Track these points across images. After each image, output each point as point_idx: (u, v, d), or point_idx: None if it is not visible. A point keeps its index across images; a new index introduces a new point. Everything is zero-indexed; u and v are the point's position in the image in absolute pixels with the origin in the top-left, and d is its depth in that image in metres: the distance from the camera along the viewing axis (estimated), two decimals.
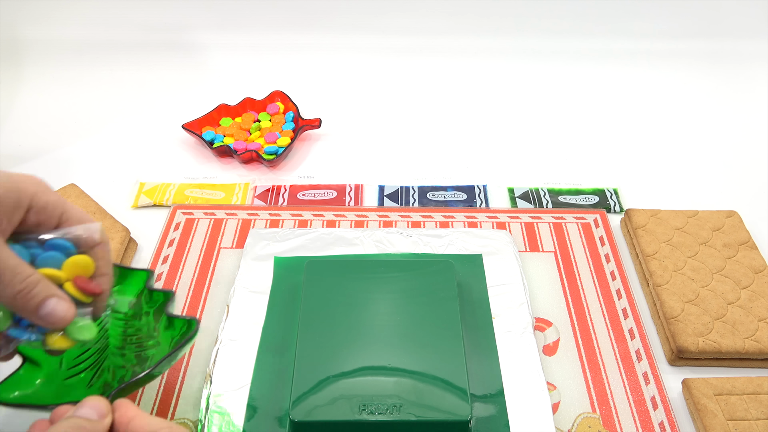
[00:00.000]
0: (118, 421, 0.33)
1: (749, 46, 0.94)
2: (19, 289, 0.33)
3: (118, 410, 0.33)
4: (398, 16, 0.96)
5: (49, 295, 0.34)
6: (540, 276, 0.58)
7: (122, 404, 0.34)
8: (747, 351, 0.50)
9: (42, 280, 0.34)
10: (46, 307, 0.34)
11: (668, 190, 0.70)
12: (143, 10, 0.95)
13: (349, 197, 0.68)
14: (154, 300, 0.46)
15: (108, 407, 0.33)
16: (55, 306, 0.34)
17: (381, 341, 0.47)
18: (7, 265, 0.33)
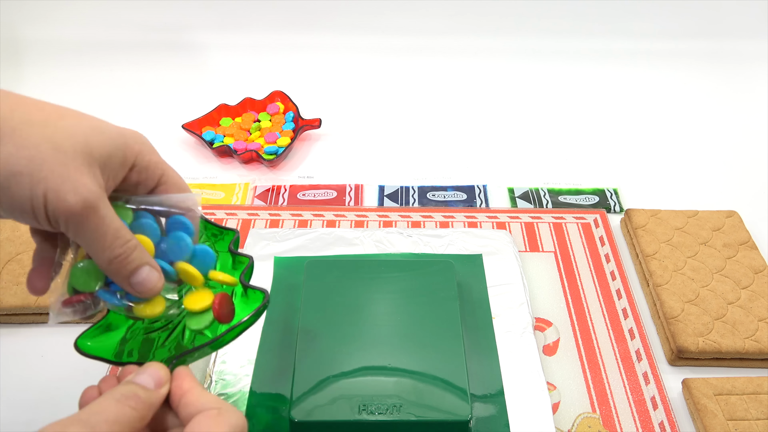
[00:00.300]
0: (172, 392, 0.33)
1: (749, 46, 0.94)
2: (118, 253, 0.32)
3: (175, 380, 0.33)
4: (398, 16, 0.96)
5: (143, 263, 0.34)
6: (540, 276, 0.58)
7: (180, 374, 0.34)
8: (747, 351, 0.50)
9: (139, 247, 0.34)
10: (139, 275, 0.34)
11: (668, 190, 0.70)
12: (143, 10, 0.95)
13: (349, 197, 0.68)
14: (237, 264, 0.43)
15: (167, 376, 0.33)
16: (147, 275, 0.34)
17: (381, 341, 0.47)
18: (109, 227, 0.32)
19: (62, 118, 0.31)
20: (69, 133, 0.31)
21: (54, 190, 0.30)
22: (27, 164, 0.29)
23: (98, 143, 0.32)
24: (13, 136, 0.29)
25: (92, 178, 0.31)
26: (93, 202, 0.31)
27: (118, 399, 0.31)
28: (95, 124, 0.32)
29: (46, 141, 0.30)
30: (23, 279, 0.54)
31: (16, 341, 0.52)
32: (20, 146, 0.29)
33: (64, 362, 0.51)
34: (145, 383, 0.32)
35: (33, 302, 0.52)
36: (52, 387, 0.49)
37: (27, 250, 0.57)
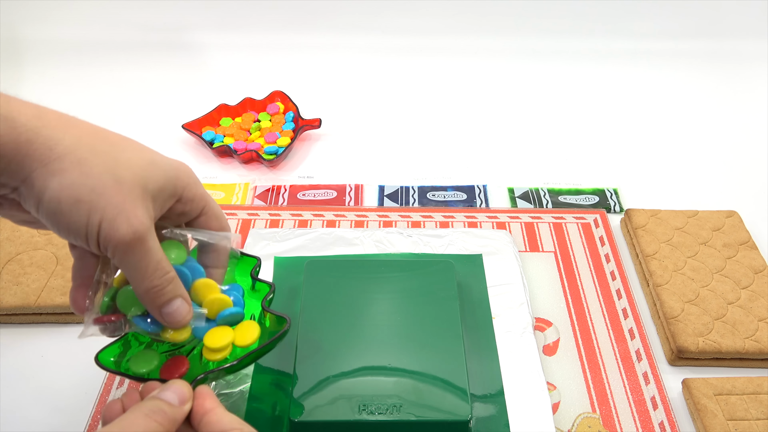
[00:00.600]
0: (195, 410, 0.34)
1: (749, 46, 0.94)
2: (156, 284, 0.34)
3: (197, 398, 0.35)
4: (398, 16, 0.96)
5: (177, 296, 0.35)
6: (540, 276, 0.58)
7: (202, 393, 0.35)
8: (747, 351, 0.50)
9: (176, 280, 0.35)
10: (171, 307, 0.35)
11: (668, 190, 0.70)
12: (143, 10, 0.95)
13: (349, 197, 0.68)
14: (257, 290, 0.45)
15: (190, 393, 0.35)
16: (178, 307, 0.35)
17: (381, 341, 0.47)
18: (152, 259, 0.33)
19: (123, 151, 0.34)
20: (128, 165, 0.33)
21: (109, 220, 0.32)
22: (89, 193, 0.31)
23: (153, 177, 0.34)
24: (80, 165, 0.31)
25: (144, 210, 0.33)
26: (142, 234, 0.32)
27: (146, 414, 0.32)
28: (151, 157, 0.35)
29: (107, 172, 0.32)
30: (23, 279, 0.54)
31: (16, 341, 0.52)
32: (85, 175, 0.31)
33: (64, 362, 0.51)
34: (170, 399, 0.33)
35: (33, 302, 0.52)
36: (52, 387, 0.49)
37: (27, 250, 0.57)
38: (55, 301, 0.52)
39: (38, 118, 0.31)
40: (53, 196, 0.31)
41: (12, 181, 0.31)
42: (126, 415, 0.32)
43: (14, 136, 0.30)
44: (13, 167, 0.30)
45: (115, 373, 0.39)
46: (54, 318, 0.53)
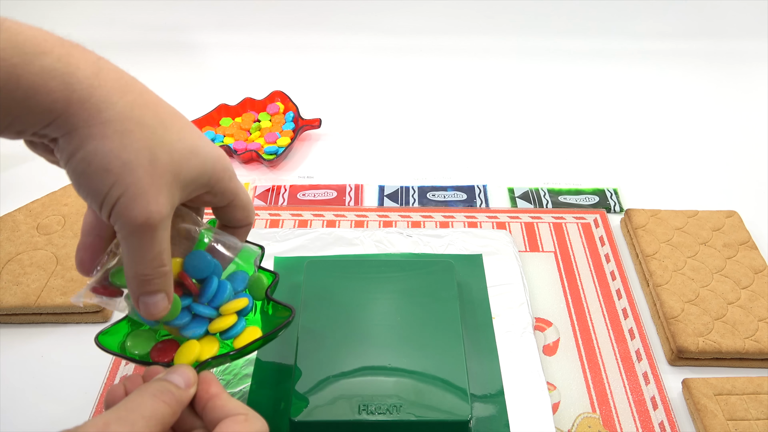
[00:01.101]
0: (199, 395, 0.34)
1: (749, 46, 0.94)
2: (147, 272, 0.33)
3: (202, 383, 0.34)
4: (398, 16, 0.96)
5: (161, 290, 0.34)
6: (540, 276, 0.58)
7: (206, 379, 0.35)
8: (747, 351, 0.50)
9: (167, 276, 0.34)
10: (151, 298, 0.34)
11: (668, 190, 0.70)
12: (143, 10, 0.95)
13: (349, 197, 0.68)
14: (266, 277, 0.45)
15: (195, 378, 0.34)
16: (157, 302, 0.34)
17: (381, 341, 0.47)
18: (154, 248, 0.33)
19: (168, 130, 0.33)
20: (169, 148, 0.32)
21: (129, 197, 0.31)
22: (120, 166, 0.30)
23: (190, 166, 0.33)
24: (122, 136, 0.31)
25: (168, 197, 0.32)
26: (155, 221, 0.32)
27: (153, 394, 0.31)
28: (194, 144, 0.34)
29: (146, 149, 0.31)
30: (23, 279, 0.54)
31: (16, 341, 0.52)
32: (123, 147, 0.31)
33: (64, 362, 0.51)
34: (176, 382, 0.33)
35: (33, 302, 0.52)
36: (52, 387, 0.49)
37: (27, 250, 0.57)
38: (55, 301, 0.52)
39: (96, 76, 0.30)
40: (85, 158, 0.30)
41: (55, 132, 0.30)
42: (131, 396, 0.32)
43: (67, 93, 0.29)
44: (60, 122, 0.30)
45: (114, 354, 0.39)
46: (54, 318, 0.53)
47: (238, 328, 0.40)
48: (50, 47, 0.29)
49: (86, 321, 0.54)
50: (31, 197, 0.63)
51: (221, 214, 0.39)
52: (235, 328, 0.40)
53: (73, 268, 0.55)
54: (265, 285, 0.43)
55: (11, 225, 0.59)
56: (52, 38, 0.30)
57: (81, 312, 0.53)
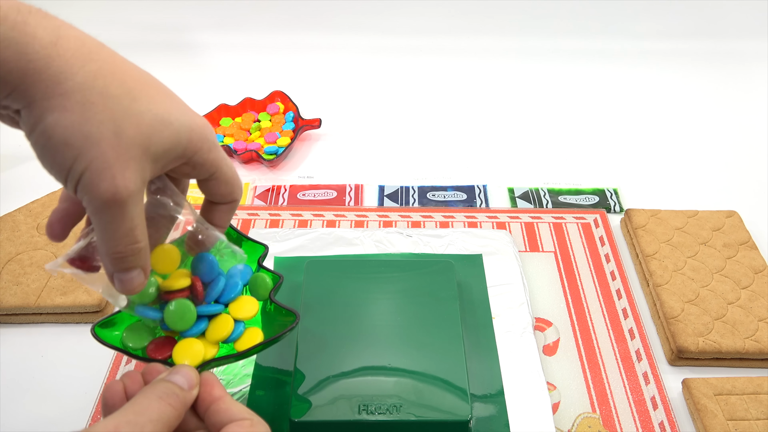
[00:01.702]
0: (202, 397, 0.33)
1: (749, 46, 0.94)
2: (120, 250, 0.32)
3: (204, 385, 0.34)
4: (398, 16, 0.96)
5: (136, 267, 0.33)
6: (540, 276, 0.58)
7: (209, 381, 0.34)
8: (747, 351, 0.50)
9: (142, 252, 0.33)
10: (126, 275, 0.33)
11: (668, 190, 0.70)
12: (143, 10, 0.95)
13: (349, 197, 0.68)
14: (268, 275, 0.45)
15: (197, 379, 0.34)
16: (133, 278, 0.33)
17: (381, 341, 0.47)
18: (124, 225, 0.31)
19: (136, 100, 0.31)
20: (136, 120, 0.30)
21: (93, 172, 0.29)
22: (81, 140, 0.29)
23: (160, 137, 0.31)
24: (83, 108, 0.29)
25: (137, 171, 0.30)
26: (123, 197, 0.30)
27: (160, 396, 0.31)
28: (166, 113, 0.32)
29: (110, 121, 0.29)
30: (23, 279, 0.54)
31: (16, 341, 0.52)
32: (85, 120, 0.29)
33: (64, 362, 0.51)
34: (180, 383, 0.33)
35: (33, 302, 0.52)
36: (52, 387, 0.49)
37: (27, 250, 0.57)
38: (55, 301, 0.52)
39: (54, 45, 0.29)
40: (45, 131, 0.29)
41: (15, 104, 0.29)
42: (138, 398, 0.31)
43: (23, 63, 0.28)
44: (18, 94, 0.28)
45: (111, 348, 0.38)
46: (54, 318, 0.53)
47: (236, 333, 0.39)
48: (4, 14, 0.28)
49: (86, 321, 0.54)
50: (31, 197, 0.63)
51: (204, 188, 0.37)
52: (234, 333, 0.39)
53: None
54: (269, 286, 0.43)
55: (11, 225, 0.59)
56: (7, 5, 0.28)
57: (81, 312, 0.53)
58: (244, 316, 0.40)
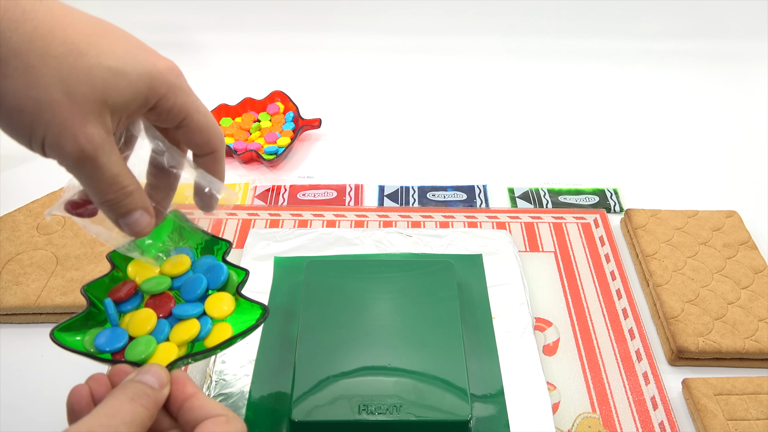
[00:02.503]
0: (174, 395, 0.33)
1: (749, 46, 0.94)
2: (110, 198, 0.32)
3: (176, 384, 0.33)
4: (398, 16, 0.96)
5: (136, 208, 0.33)
6: (540, 276, 0.58)
7: (180, 378, 0.33)
8: (747, 351, 0.50)
9: (135, 192, 0.33)
10: (129, 218, 0.33)
11: (668, 190, 0.70)
12: (143, 10, 0.95)
13: (349, 197, 0.68)
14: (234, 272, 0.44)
15: (168, 377, 0.33)
16: (137, 219, 0.33)
17: (381, 341, 0.47)
18: (104, 175, 0.31)
19: (84, 56, 0.29)
20: (85, 77, 0.29)
21: (53, 135, 0.29)
22: (32, 106, 0.28)
23: (117, 90, 0.30)
24: (26, 73, 0.28)
25: (98, 125, 0.30)
26: (90, 152, 0.30)
27: (131, 398, 0.31)
28: (119, 65, 0.30)
29: (57, 83, 0.28)
30: (23, 279, 0.54)
31: (16, 341, 0.52)
32: (30, 85, 0.28)
33: (64, 362, 0.51)
34: (150, 383, 0.32)
35: (33, 302, 0.52)
36: (52, 387, 0.49)
37: (27, 250, 0.57)
38: (55, 301, 0.52)
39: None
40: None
41: None
42: (108, 400, 0.30)
43: None
44: None
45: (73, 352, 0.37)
46: (54, 318, 0.53)
47: (205, 330, 0.39)
48: None
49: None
50: (31, 197, 0.63)
51: (180, 138, 0.36)
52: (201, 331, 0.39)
53: (74, 267, 0.55)
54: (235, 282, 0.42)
55: (11, 225, 0.59)
56: None
57: None
58: (221, 315, 0.39)
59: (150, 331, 0.38)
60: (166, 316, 0.39)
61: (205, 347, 0.38)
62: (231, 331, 0.39)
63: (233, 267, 0.43)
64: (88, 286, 0.40)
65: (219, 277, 0.41)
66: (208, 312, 0.40)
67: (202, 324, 0.39)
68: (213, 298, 0.41)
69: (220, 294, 0.41)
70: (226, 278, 0.41)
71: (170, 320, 0.39)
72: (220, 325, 0.39)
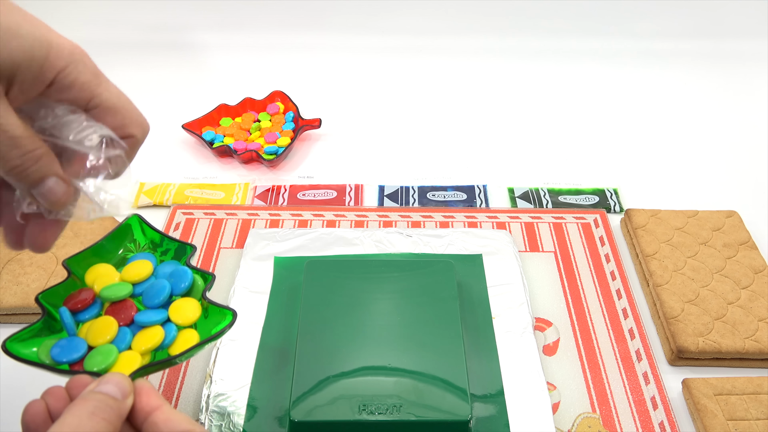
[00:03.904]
0: (138, 407, 0.31)
1: (749, 46, 0.94)
2: (15, 164, 0.29)
3: (140, 395, 0.31)
4: (398, 16, 0.96)
5: (48, 174, 0.30)
6: (540, 276, 0.58)
7: (145, 389, 0.31)
8: (747, 351, 0.50)
9: (44, 156, 0.30)
10: (42, 187, 0.30)
11: (668, 190, 0.70)
12: (143, 10, 0.95)
13: (349, 197, 0.68)
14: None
15: (131, 387, 0.31)
16: (51, 187, 0.30)
17: (381, 341, 0.47)
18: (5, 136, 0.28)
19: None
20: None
21: None
22: None
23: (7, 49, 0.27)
24: None
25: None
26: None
27: (92, 412, 0.29)
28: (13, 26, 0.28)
29: None
30: (23, 279, 0.54)
31: None
32: None
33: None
34: (112, 393, 0.30)
35: (33, 302, 0.52)
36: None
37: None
38: None
39: None
40: None
41: None
42: (66, 417, 0.28)
43: None
44: None
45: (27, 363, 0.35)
46: None
47: (169, 338, 0.37)
48: None
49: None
50: None
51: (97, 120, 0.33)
52: (166, 339, 0.37)
53: None
54: (200, 287, 0.41)
55: None
56: None
57: None
58: (186, 321, 0.38)
59: (110, 340, 0.37)
60: (128, 324, 0.38)
61: (169, 355, 0.37)
62: (197, 337, 0.38)
63: (198, 271, 0.41)
64: (43, 295, 0.38)
65: (183, 281, 0.40)
66: (172, 318, 0.38)
67: (167, 331, 0.38)
68: (177, 304, 0.39)
69: (185, 300, 0.39)
70: (191, 283, 0.40)
71: (132, 328, 0.38)
72: (185, 332, 0.38)
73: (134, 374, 0.34)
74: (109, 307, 0.39)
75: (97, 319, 0.38)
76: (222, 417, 0.45)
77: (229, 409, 0.45)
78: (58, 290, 0.39)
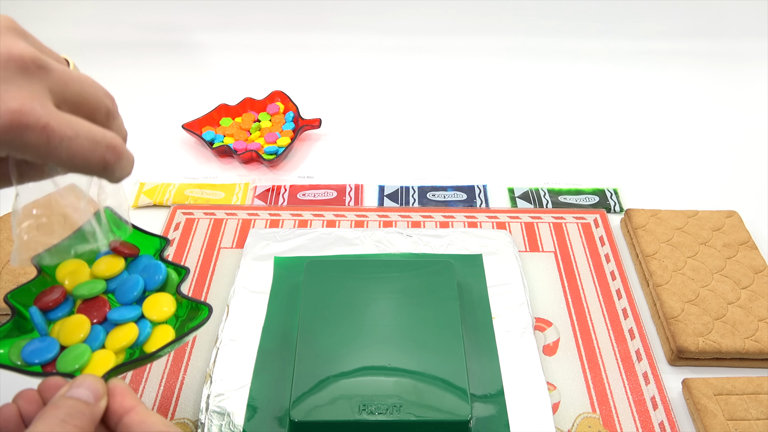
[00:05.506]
0: (112, 409, 0.30)
1: (749, 46, 0.94)
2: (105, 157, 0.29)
3: (114, 396, 0.30)
4: (398, 16, 0.96)
5: None
6: (540, 276, 0.58)
7: (119, 390, 0.31)
8: (747, 351, 0.50)
9: None
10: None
11: (668, 190, 0.70)
12: (143, 10, 0.95)
13: (349, 197, 0.68)
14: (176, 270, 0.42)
15: (104, 389, 0.30)
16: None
17: (381, 341, 0.47)
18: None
19: None
20: None
21: None
22: None
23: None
24: None
25: None
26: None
27: (63, 419, 0.28)
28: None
29: None
30: (23, 279, 0.54)
31: None
32: None
33: None
34: (84, 397, 0.29)
35: None
36: None
37: None
38: None
39: None
40: None
41: None
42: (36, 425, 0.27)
43: None
44: None
45: None
46: None
47: (143, 335, 0.37)
48: None
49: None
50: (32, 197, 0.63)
51: None
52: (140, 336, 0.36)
53: None
54: (174, 281, 0.40)
55: (11, 225, 0.59)
56: None
57: None
58: (161, 317, 0.37)
59: (83, 339, 0.36)
60: (101, 322, 0.37)
61: (145, 352, 0.36)
62: (173, 333, 0.37)
63: (172, 265, 0.40)
64: (12, 294, 0.37)
65: (156, 276, 0.39)
66: (146, 315, 0.38)
67: (141, 328, 0.37)
68: (151, 299, 0.38)
69: (159, 294, 0.39)
70: (165, 278, 0.39)
71: (105, 326, 0.37)
72: (160, 328, 0.37)
73: (108, 374, 0.33)
74: (81, 304, 0.38)
75: (69, 317, 0.37)
76: (222, 417, 0.45)
77: (229, 409, 0.45)
78: (28, 288, 0.38)
